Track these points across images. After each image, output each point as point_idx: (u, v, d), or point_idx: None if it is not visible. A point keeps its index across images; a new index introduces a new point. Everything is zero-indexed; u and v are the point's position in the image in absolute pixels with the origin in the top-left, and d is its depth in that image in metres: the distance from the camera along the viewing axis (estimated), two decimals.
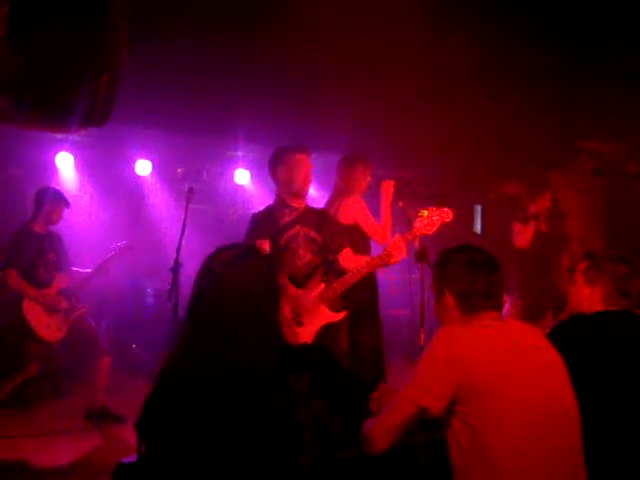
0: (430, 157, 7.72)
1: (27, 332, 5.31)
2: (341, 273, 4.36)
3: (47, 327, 5.36)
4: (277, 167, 4.44)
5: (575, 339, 2.75)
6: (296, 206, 4.43)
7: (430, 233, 4.28)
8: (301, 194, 4.44)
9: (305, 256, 4.31)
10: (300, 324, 4.19)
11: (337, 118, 6.37)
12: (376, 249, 4.89)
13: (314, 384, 1.88)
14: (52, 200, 5.54)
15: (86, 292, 5.81)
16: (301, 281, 4.30)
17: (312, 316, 4.25)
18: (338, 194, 5.12)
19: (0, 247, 5.44)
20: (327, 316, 4.27)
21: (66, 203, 5.61)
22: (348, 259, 4.38)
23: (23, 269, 5.34)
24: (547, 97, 6.08)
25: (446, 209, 4.31)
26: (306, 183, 4.43)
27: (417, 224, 4.27)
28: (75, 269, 5.70)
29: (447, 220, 4.29)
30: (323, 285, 4.28)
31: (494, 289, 2.40)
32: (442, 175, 8.60)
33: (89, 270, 5.68)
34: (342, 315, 4.33)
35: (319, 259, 4.35)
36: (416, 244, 4.38)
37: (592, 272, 2.95)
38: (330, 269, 4.37)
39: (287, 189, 4.41)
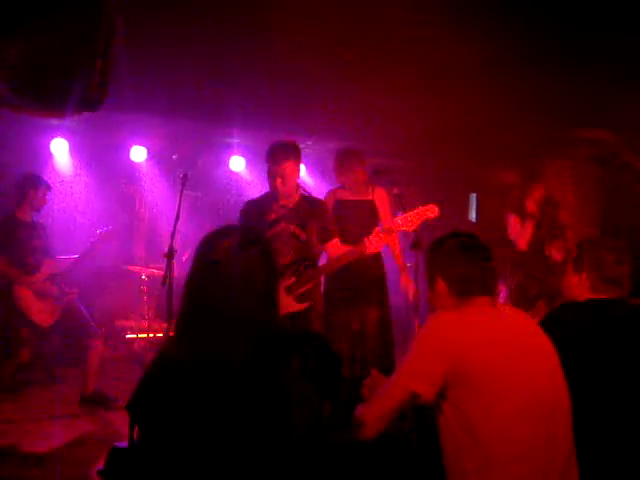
0: (425, 146, 7.73)
1: (18, 317, 5.32)
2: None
3: (39, 312, 5.37)
4: (267, 164, 4.32)
5: (566, 326, 2.76)
6: (285, 203, 4.34)
7: (410, 230, 4.18)
8: (289, 196, 4.34)
9: (288, 254, 4.26)
10: None
11: (333, 106, 6.36)
12: None
13: (304, 368, 1.89)
14: (33, 185, 5.53)
15: (79, 277, 5.82)
16: None
17: None
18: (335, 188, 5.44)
19: None
20: (290, 306, 4.13)
21: (47, 186, 5.61)
22: (335, 249, 4.38)
23: (11, 256, 5.34)
24: (543, 86, 6.07)
25: (431, 205, 4.18)
26: (290, 188, 4.31)
27: (398, 219, 4.16)
28: (61, 257, 5.69)
29: (431, 216, 4.16)
30: (293, 279, 4.19)
31: (485, 274, 2.41)
32: (437, 164, 8.62)
33: (76, 256, 5.67)
34: (305, 305, 4.20)
35: (298, 256, 4.29)
36: (411, 233, 4.34)
37: (579, 260, 2.97)
38: (307, 267, 4.29)
39: (273, 191, 4.33)
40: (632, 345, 2.72)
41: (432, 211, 4.16)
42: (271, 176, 4.27)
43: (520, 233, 6.10)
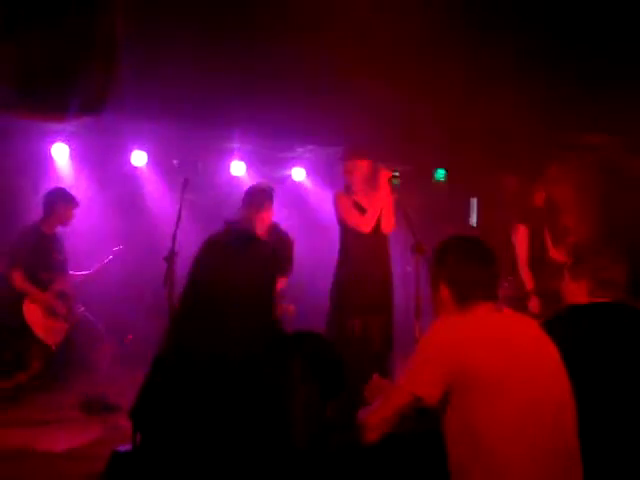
0: (427, 150, 7.73)
1: (27, 332, 5.30)
2: None
3: (46, 330, 5.36)
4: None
5: (569, 330, 2.76)
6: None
7: None
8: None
9: None
10: None
11: (333, 111, 6.37)
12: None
13: (306, 370, 1.88)
14: (64, 201, 5.55)
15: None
16: None
17: None
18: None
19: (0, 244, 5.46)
20: None
21: (76, 204, 5.64)
22: None
23: (25, 269, 5.33)
24: (545, 91, 6.08)
25: None
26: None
27: None
28: (74, 273, 5.71)
29: None
30: None
31: (489, 280, 2.40)
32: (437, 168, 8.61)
33: (87, 272, 5.70)
34: None
35: None
36: (412, 238, 4.32)
37: (575, 268, 2.97)
38: None
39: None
40: (633, 348, 2.71)
41: None
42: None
43: (522, 249, 6.04)
